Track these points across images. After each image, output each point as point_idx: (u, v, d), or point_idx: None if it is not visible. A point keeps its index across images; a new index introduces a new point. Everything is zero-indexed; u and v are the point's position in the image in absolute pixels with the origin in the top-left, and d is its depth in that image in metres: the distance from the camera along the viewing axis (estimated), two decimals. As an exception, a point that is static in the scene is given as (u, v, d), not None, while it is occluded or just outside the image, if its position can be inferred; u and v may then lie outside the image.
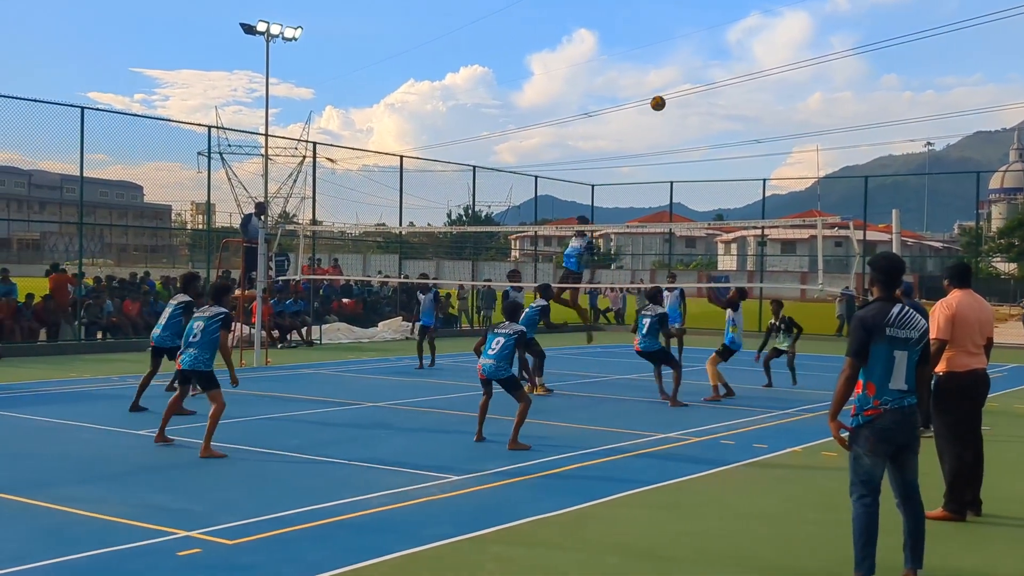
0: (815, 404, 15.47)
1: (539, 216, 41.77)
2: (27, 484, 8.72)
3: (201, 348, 10.63)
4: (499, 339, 11.33)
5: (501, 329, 11.49)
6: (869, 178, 35.65)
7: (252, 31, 28.10)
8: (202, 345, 10.63)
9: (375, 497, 8.42)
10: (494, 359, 11.25)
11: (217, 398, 10.52)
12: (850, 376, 6.11)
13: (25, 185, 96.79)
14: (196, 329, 10.73)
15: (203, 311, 10.92)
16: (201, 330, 10.68)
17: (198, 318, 10.85)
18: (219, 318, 10.75)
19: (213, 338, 10.68)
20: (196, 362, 10.62)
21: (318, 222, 31.17)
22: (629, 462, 10.45)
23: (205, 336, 10.65)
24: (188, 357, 10.66)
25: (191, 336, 10.72)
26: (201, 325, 10.72)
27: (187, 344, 10.74)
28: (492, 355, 11.27)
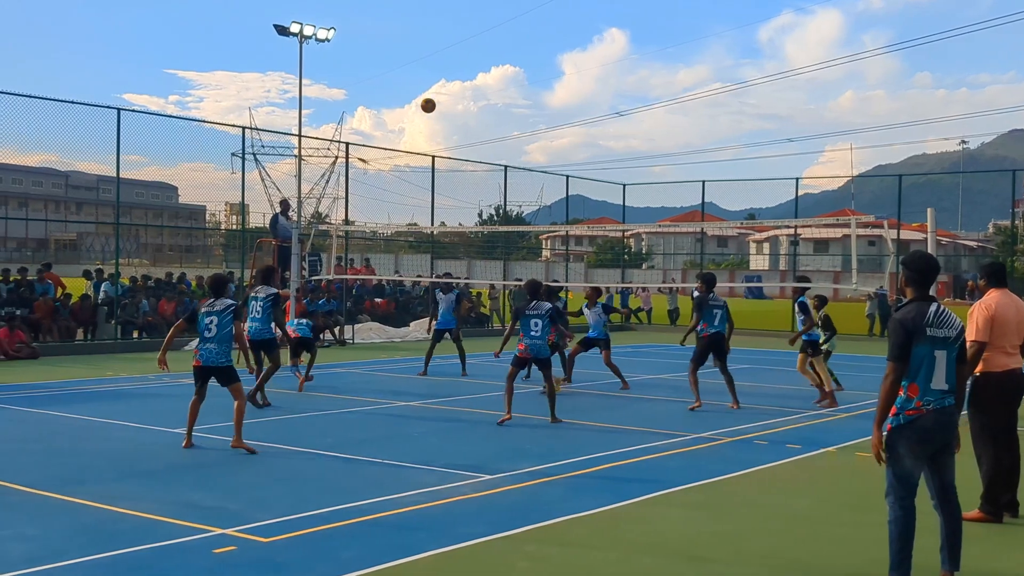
0: (848, 404, 15.38)
1: (570, 216, 41.72)
2: (66, 481, 8.84)
3: (220, 342, 10.71)
4: (536, 320, 12.82)
5: (533, 311, 12.94)
6: (903, 177, 35.32)
7: (285, 32, 28.26)
8: (220, 339, 10.70)
9: (408, 496, 8.46)
10: (540, 339, 12.86)
11: (240, 392, 10.70)
12: (894, 381, 6.00)
13: (62, 186, 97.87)
14: (210, 324, 10.72)
15: (212, 306, 10.86)
16: (217, 324, 10.71)
17: (211, 314, 10.78)
18: (231, 310, 10.82)
19: (227, 331, 10.75)
20: (217, 357, 10.70)
21: (350, 222, 31.31)
22: (662, 462, 10.43)
23: (221, 330, 10.71)
24: (208, 353, 10.72)
25: (206, 332, 10.72)
26: (215, 320, 10.73)
27: (203, 340, 10.77)
28: (536, 336, 12.83)
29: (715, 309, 14.96)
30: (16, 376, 17.11)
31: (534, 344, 12.87)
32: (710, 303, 14.94)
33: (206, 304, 10.99)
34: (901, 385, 6.04)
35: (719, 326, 14.85)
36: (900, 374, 6.01)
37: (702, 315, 14.87)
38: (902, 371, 6.01)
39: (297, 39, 28.52)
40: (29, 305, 22.22)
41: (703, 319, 14.83)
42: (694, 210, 44.87)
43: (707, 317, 14.88)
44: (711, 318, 14.88)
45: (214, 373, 10.77)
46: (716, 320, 14.86)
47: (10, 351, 19.89)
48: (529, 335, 12.86)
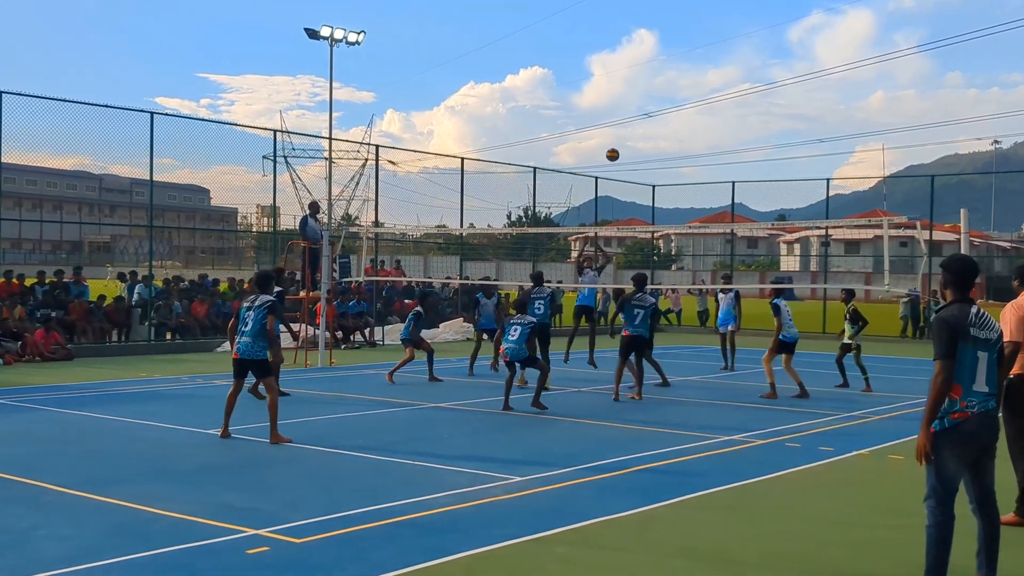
0: (881, 406, 15.28)
1: (599, 217, 41.64)
2: (101, 481, 8.93)
3: (255, 336, 11.00)
4: (515, 328, 13.99)
5: (517, 320, 14.16)
6: (935, 177, 34.99)
7: (316, 36, 28.45)
8: (254, 333, 11.00)
9: (439, 497, 8.48)
10: (515, 343, 13.93)
11: (272, 386, 11.11)
12: (945, 379, 5.86)
13: (96, 189, 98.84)
14: (247, 318, 11.08)
15: (250, 301, 11.25)
16: (252, 319, 11.03)
17: (247, 308, 11.17)
18: (267, 304, 11.07)
19: (264, 324, 11.01)
20: (252, 350, 11.00)
21: (380, 224, 31.43)
22: (693, 464, 10.40)
23: (255, 324, 11.00)
24: (243, 346, 11.04)
25: (243, 325, 11.10)
26: (252, 315, 11.06)
27: (241, 334, 11.11)
28: (512, 340, 13.94)
29: (636, 309, 15.29)
30: (51, 377, 17.30)
31: (510, 349, 13.99)
32: (633, 302, 15.34)
33: (248, 299, 11.37)
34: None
35: (640, 327, 15.26)
36: (950, 372, 5.88)
37: (622, 313, 15.59)
38: (951, 369, 5.89)
39: (328, 43, 28.70)
40: (64, 307, 22.46)
41: (624, 317, 15.47)
42: (724, 211, 44.70)
43: (628, 316, 15.33)
44: (632, 318, 15.26)
45: (249, 366, 11.10)
46: (637, 320, 15.25)
47: (46, 352, 20.12)
48: (507, 340, 14.04)
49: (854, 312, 17.04)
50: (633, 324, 15.32)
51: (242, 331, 11.10)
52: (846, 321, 17.23)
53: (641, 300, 15.38)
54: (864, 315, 17.31)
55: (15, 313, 21.13)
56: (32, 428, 12.11)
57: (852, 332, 17.09)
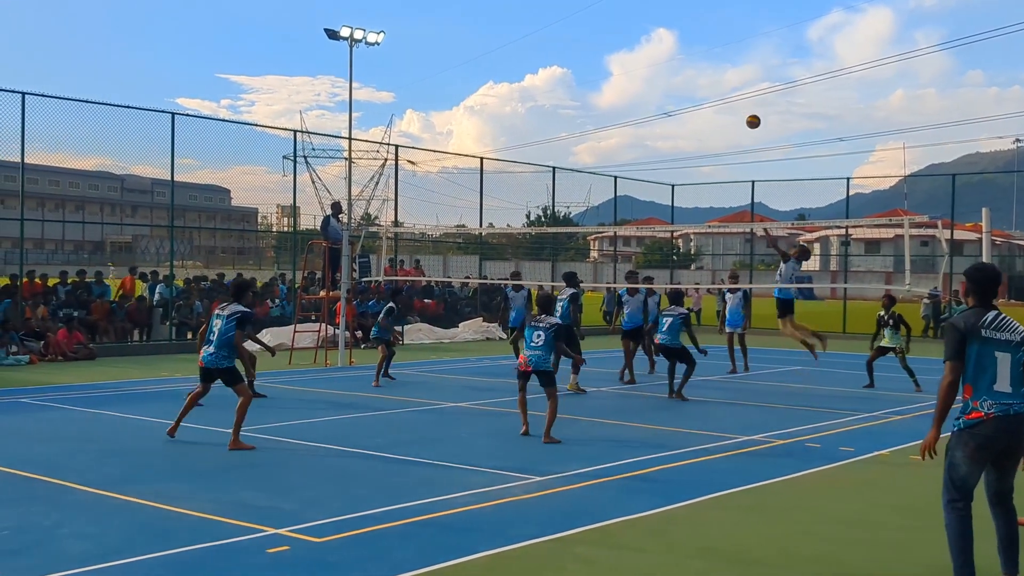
0: (902, 406, 15.21)
1: (618, 216, 41.60)
2: (123, 480, 9.00)
3: (219, 346, 11.03)
4: (539, 333, 11.93)
5: (539, 323, 12.05)
6: (956, 176, 34.77)
7: (336, 36, 28.55)
8: (220, 344, 11.03)
9: (459, 497, 8.50)
10: (539, 351, 11.87)
11: (244, 391, 11.01)
12: (952, 381, 5.97)
13: (118, 189, 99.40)
14: (215, 328, 11.11)
15: (222, 309, 11.27)
16: (219, 329, 11.07)
17: (218, 316, 11.20)
18: (236, 317, 11.08)
19: (230, 337, 11.04)
20: (216, 360, 11.02)
21: (400, 223, 31.50)
22: (713, 464, 10.39)
23: (221, 336, 11.04)
24: (208, 356, 11.09)
25: (211, 335, 11.14)
26: (220, 324, 11.09)
27: (208, 342, 11.17)
28: (536, 347, 11.89)
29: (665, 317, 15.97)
30: (74, 376, 17.42)
31: (532, 356, 11.92)
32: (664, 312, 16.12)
33: (220, 307, 11.41)
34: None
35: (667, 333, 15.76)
36: (957, 374, 5.99)
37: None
38: (958, 371, 5.99)
39: (348, 43, 28.78)
40: (87, 307, 22.62)
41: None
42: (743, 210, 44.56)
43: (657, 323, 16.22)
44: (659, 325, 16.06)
45: (216, 375, 11.13)
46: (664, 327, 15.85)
47: (68, 352, 20.27)
48: (529, 346, 12.00)
49: (898, 317, 16.97)
50: (661, 331, 15.89)
51: (209, 339, 11.17)
52: (887, 327, 17.10)
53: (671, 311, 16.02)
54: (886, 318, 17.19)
55: (38, 313, 21.29)
56: (55, 427, 12.22)
57: (896, 339, 16.97)
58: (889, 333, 17.10)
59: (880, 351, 17.26)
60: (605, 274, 51.68)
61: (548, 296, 13.17)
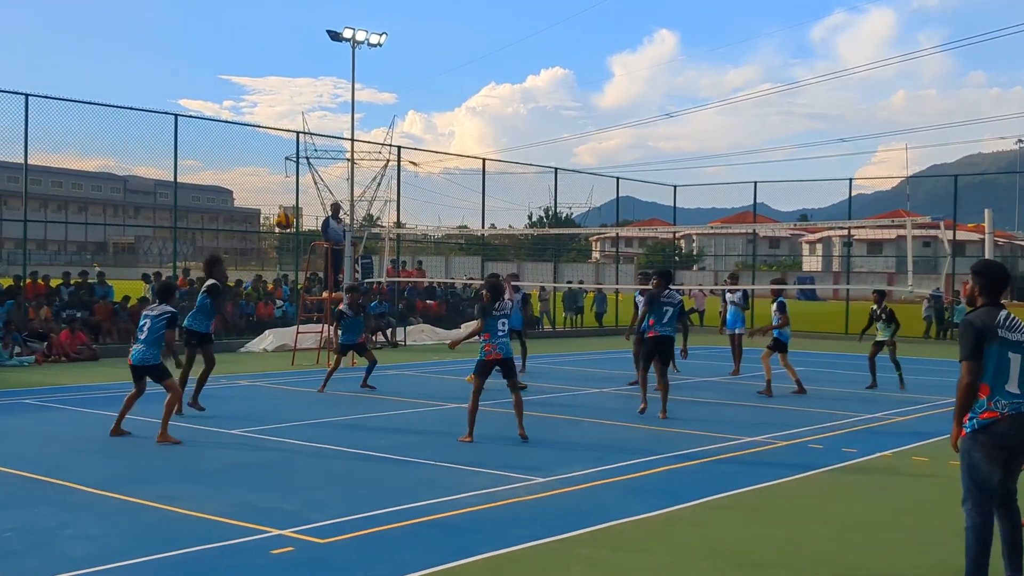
0: (904, 407, 15.20)
1: (620, 217, 41.59)
2: (126, 481, 9.00)
3: (148, 344, 11.33)
4: (503, 320, 11.86)
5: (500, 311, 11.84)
6: (959, 177, 34.74)
7: (338, 38, 28.57)
8: (149, 342, 11.33)
9: (462, 498, 8.50)
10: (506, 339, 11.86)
11: (173, 387, 11.42)
12: (971, 382, 5.94)
13: (121, 190, 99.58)
14: (143, 327, 11.40)
15: (151, 309, 11.57)
16: (148, 328, 11.33)
17: (147, 316, 11.48)
18: (165, 317, 11.37)
19: (159, 335, 11.34)
20: (145, 358, 11.32)
21: (402, 224, 31.51)
22: (716, 465, 10.38)
23: (151, 334, 11.31)
24: (137, 354, 11.36)
25: (139, 333, 11.46)
26: (148, 323, 11.36)
27: (136, 341, 11.48)
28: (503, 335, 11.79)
29: (666, 307, 14.05)
30: (77, 378, 17.43)
31: (501, 344, 11.75)
32: (662, 300, 14.05)
33: (147, 307, 11.79)
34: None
35: (668, 326, 14.03)
36: (975, 374, 5.95)
37: (651, 311, 14.09)
38: (977, 370, 5.95)
39: (350, 44, 28.81)
40: (89, 308, 22.63)
41: (651, 316, 14.07)
42: (746, 211, 44.56)
43: (656, 314, 14.05)
44: (660, 316, 14.03)
45: (146, 372, 11.41)
46: (665, 319, 14.03)
47: (72, 353, 20.28)
48: (496, 336, 11.74)
49: (890, 313, 17.33)
50: (661, 323, 14.03)
51: (137, 338, 11.45)
52: (880, 321, 17.46)
53: (669, 297, 14.19)
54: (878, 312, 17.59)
55: (41, 314, 21.31)
56: (58, 428, 12.23)
57: (888, 332, 17.30)
58: (882, 327, 17.52)
59: (877, 346, 17.62)
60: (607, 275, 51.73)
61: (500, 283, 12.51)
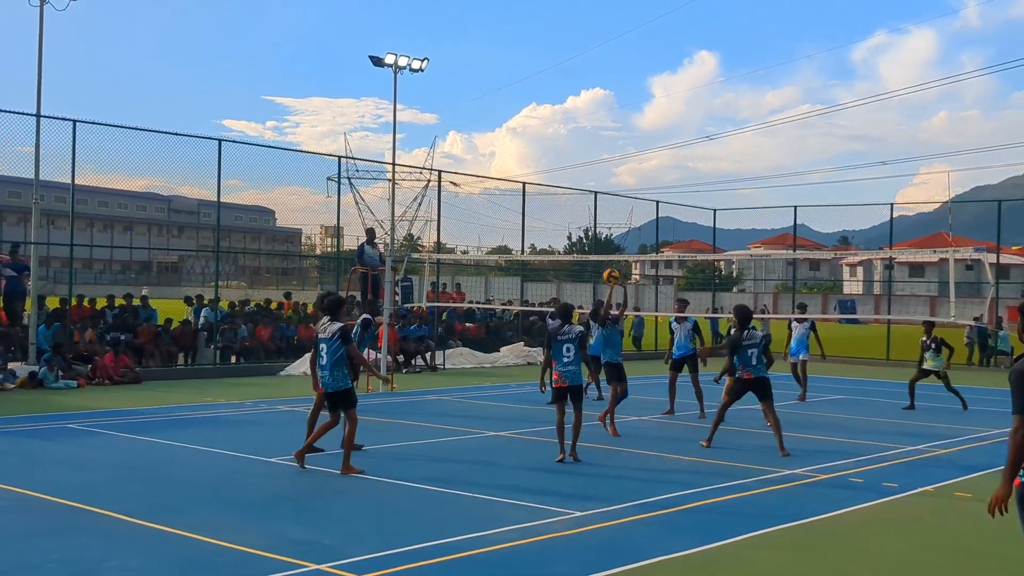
0: (945, 439, 15.03)
1: (660, 238, 41.51)
2: (167, 510, 9.09)
3: (331, 369, 11.14)
4: (569, 346, 12.02)
5: (565, 335, 12.07)
6: (1002, 202, 34.27)
7: (381, 64, 28.85)
8: (330, 366, 11.14)
9: (499, 532, 8.51)
10: (575, 366, 12.08)
11: (353, 417, 11.18)
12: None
13: (165, 210, 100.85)
14: (323, 352, 11.21)
15: (323, 331, 11.31)
16: (326, 352, 11.17)
17: (321, 340, 11.26)
18: (337, 335, 11.16)
19: (339, 356, 11.13)
20: (336, 383, 11.15)
21: (442, 245, 31.66)
22: (756, 499, 10.31)
23: (330, 357, 11.14)
24: (325, 381, 11.20)
25: (320, 359, 11.23)
26: (324, 348, 11.20)
27: (322, 368, 11.25)
28: (569, 362, 12.03)
29: (750, 349, 13.47)
30: (120, 402, 17.65)
31: (568, 371, 12.10)
32: (744, 343, 13.48)
33: (320, 327, 11.45)
34: None
35: (759, 366, 13.47)
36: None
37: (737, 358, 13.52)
38: None
39: (392, 70, 29.06)
40: (133, 330, 22.92)
41: (738, 361, 13.52)
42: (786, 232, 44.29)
43: (741, 359, 13.48)
44: (746, 360, 13.47)
45: (337, 398, 11.24)
46: (753, 360, 13.47)
47: (115, 376, 20.53)
48: (561, 363, 12.09)
49: (940, 340, 17.71)
50: (750, 365, 13.47)
51: (322, 364, 11.22)
52: (930, 351, 18.01)
53: (751, 338, 13.53)
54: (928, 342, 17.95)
55: (86, 336, 21.61)
56: (100, 454, 12.38)
57: (938, 362, 17.91)
58: (931, 356, 17.91)
59: (923, 373, 18.03)
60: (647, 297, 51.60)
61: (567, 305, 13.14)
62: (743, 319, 13.61)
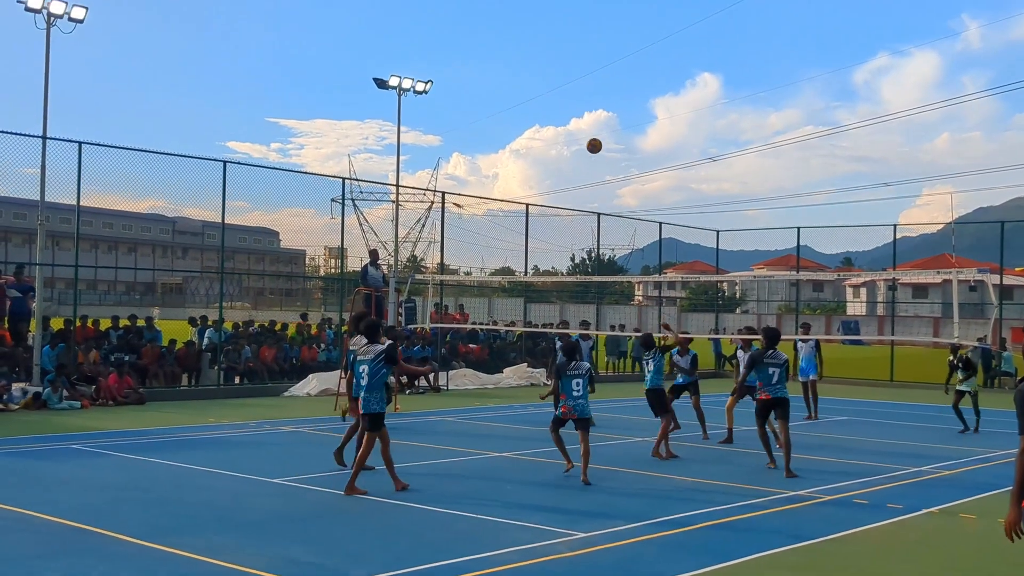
0: (952, 460, 15.00)
1: (663, 259, 41.54)
2: (168, 531, 9.07)
3: (372, 390, 11.28)
4: (579, 381, 12.66)
5: (575, 371, 12.71)
6: (1005, 223, 34.29)
7: (384, 86, 28.97)
8: (372, 387, 11.28)
9: (504, 553, 8.48)
10: (583, 400, 12.66)
11: (372, 439, 11.29)
12: None
13: (169, 231, 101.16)
14: (363, 372, 11.32)
15: (364, 353, 11.43)
16: (367, 373, 11.28)
17: (362, 362, 11.39)
18: (381, 357, 11.31)
19: (380, 377, 11.31)
20: (370, 406, 11.26)
21: (446, 266, 31.70)
22: (760, 521, 10.28)
23: (372, 379, 11.27)
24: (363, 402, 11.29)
25: (360, 379, 11.36)
26: (366, 369, 11.31)
27: (359, 387, 11.41)
28: (579, 396, 12.62)
29: (772, 368, 13.54)
30: (124, 422, 17.64)
31: (580, 405, 12.65)
32: (766, 360, 13.63)
33: (361, 350, 11.54)
34: None
35: (779, 386, 13.53)
36: None
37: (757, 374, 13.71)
38: None
39: (396, 92, 29.19)
40: (137, 351, 22.94)
41: (758, 378, 13.71)
42: (789, 254, 44.32)
43: (762, 376, 13.64)
44: (767, 377, 13.56)
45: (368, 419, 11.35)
46: (774, 379, 13.51)
47: (119, 397, 20.54)
48: (572, 396, 12.66)
49: (966, 361, 17.97)
50: (770, 384, 13.55)
51: (361, 384, 11.34)
52: (958, 369, 18.45)
53: (775, 357, 13.63)
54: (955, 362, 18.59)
55: (90, 357, 21.63)
56: (103, 475, 12.37)
57: (972, 383, 18.19)
58: (962, 375, 18.32)
59: (959, 395, 18.31)
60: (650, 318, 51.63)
61: (574, 344, 13.57)
62: (771, 339, 13.84)
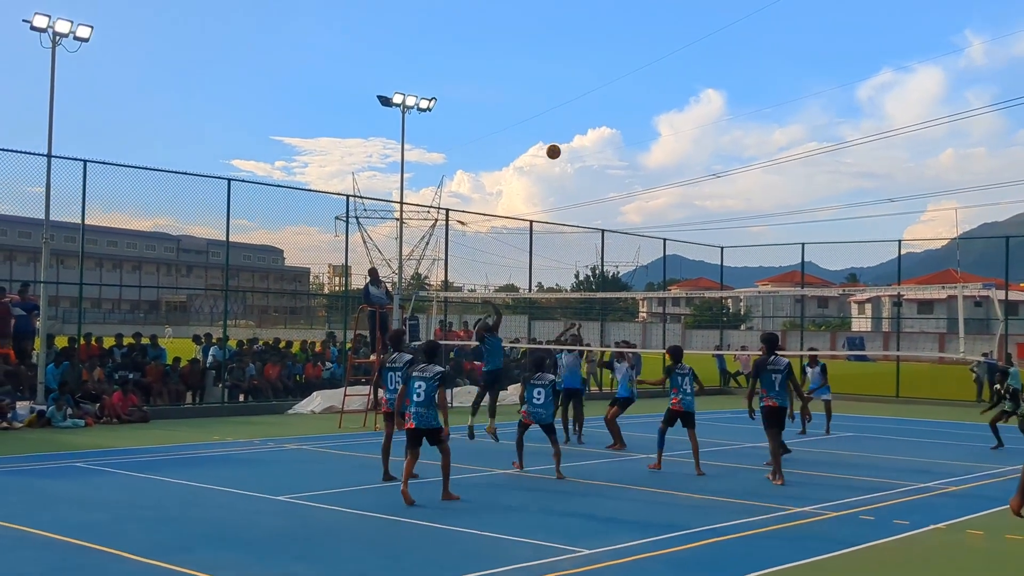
0: (955, 476, 14.95)
1: (667, 276, 41.56)
2: (171, 549, 9.06)
3: (428, 407, 11.73)
4: (539, 390, 13.97)
5: (537, 381, 14.10)
6: (1010, 238, 34.28)
7: (388, 103, 29.10)
8: (427, 404, 11.72)
9: (507, 570, 8.47)
10: (543, 408, 13.99)
11: (447, 450, 11.91)
12: None
13: (174, 250, 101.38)
14: (420, 390, 11.71)
15: (422, 371, 11.85)
16: (424, 391, 11.69)
17: (419, 379, 11.76)
18: (439, 378, 11.76)
19: (434, 395, 11.72)
20: (429, 421, 11.75)
21: (450, 283, 31.71)
22: (764, 539, 10.25)
23: (428, 395, 11.70)
24: (419, 419, 11.74)
25: (415, 396, 11.74)
26: (424, 386, 11.69)
27: (413, 403, 11.77)
28: (539, 404, 13.98)
29: (774, 374, 13.67)
30: (128, 440, 17.65)
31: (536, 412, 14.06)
32: (768, 367, 13.73)
33: (419, 368, 11.96)
34: None
35: (781, 394, 13.70)
36: None
37: (760, 381, 13.82)
38: None
39: (400, 109, 29.31)
40: (141, 369, 22.96)
41: (762, 385, 13.80)
42: (794, 270, 44.28)
43: (765, 383, 13.75)
44: (770, 384, 13.70)
45: (427, 434, 11.80)
46: (777, 386, 13.68)
47: (123, 414, 20.54)
48: (532, 403, 14.08)
49: (1015, 391, 18.43)
50: (773, 391, 13.70)
51: (415, 400, 11.71)
52: (1005, 400, 18.57)
53: (776, 363, 13.77)
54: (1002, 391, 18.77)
55: (94, 375, 21.65)
56: (107, 493, 12.36)
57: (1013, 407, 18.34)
58: (1008, 404, 18.51)
59: (1002, 414, 18.56)
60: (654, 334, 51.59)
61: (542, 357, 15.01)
62: (770, 344, 14.18)
